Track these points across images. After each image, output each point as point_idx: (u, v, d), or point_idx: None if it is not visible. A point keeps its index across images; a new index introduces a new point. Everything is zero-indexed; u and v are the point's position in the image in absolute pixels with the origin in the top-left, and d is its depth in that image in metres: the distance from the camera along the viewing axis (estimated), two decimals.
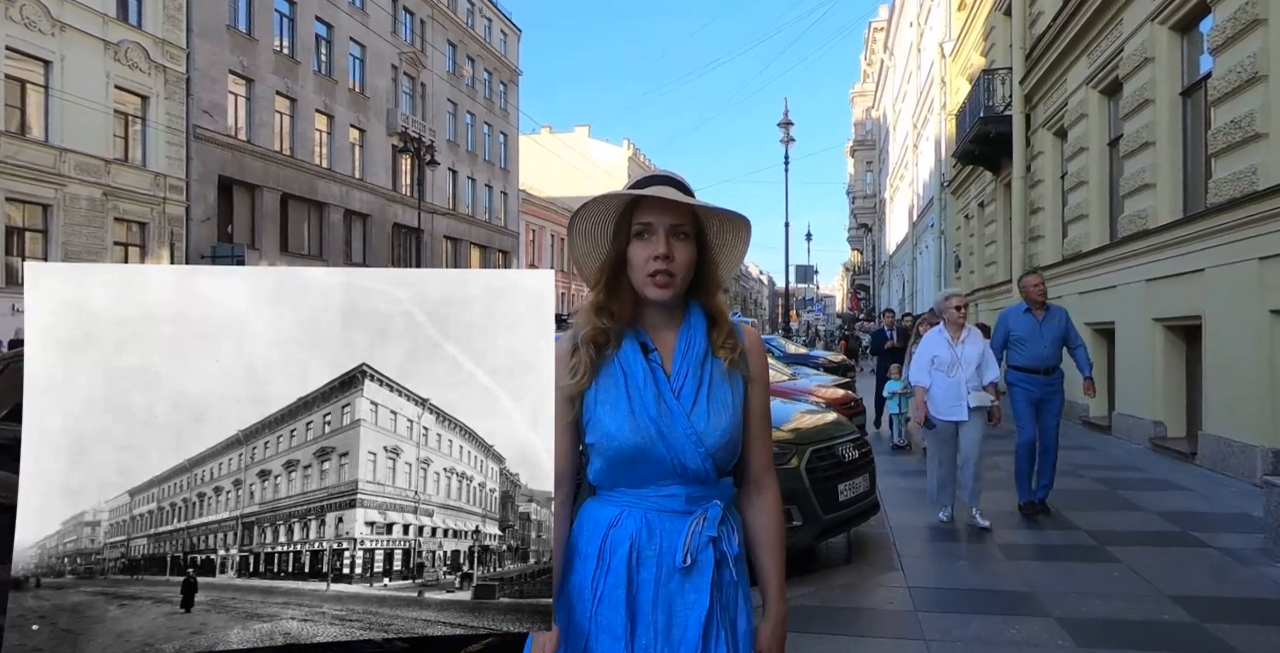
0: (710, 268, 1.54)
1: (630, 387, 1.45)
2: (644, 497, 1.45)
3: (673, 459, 1.42)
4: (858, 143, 65.05)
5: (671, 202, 1.44)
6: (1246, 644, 3.56)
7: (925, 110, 30.66)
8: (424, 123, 35.28)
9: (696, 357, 1.48)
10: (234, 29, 25.50)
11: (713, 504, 1.45)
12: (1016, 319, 6.32)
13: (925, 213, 32.16)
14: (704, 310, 1.53)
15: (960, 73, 22.80)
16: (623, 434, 1.42)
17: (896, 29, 42.60)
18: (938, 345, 5.81)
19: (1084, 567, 4.74)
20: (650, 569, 1.42)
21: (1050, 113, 13.65)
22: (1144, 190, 9.48)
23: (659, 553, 1.42)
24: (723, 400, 1.47)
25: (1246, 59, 7.02)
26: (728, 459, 1.48)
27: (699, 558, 1.42)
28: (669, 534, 1.43)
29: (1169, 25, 8.95)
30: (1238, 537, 5.21)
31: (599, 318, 1.48)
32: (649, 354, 1.48)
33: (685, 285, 1.48)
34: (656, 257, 1.43)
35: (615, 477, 1.47)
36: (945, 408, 5.73)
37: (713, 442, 1.43)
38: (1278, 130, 6.71)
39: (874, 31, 58.67)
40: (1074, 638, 3.68)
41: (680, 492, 1.44)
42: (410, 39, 35.62)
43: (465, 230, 39.62)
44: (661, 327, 1.52)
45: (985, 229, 19.62)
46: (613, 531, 1.45)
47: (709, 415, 1.45)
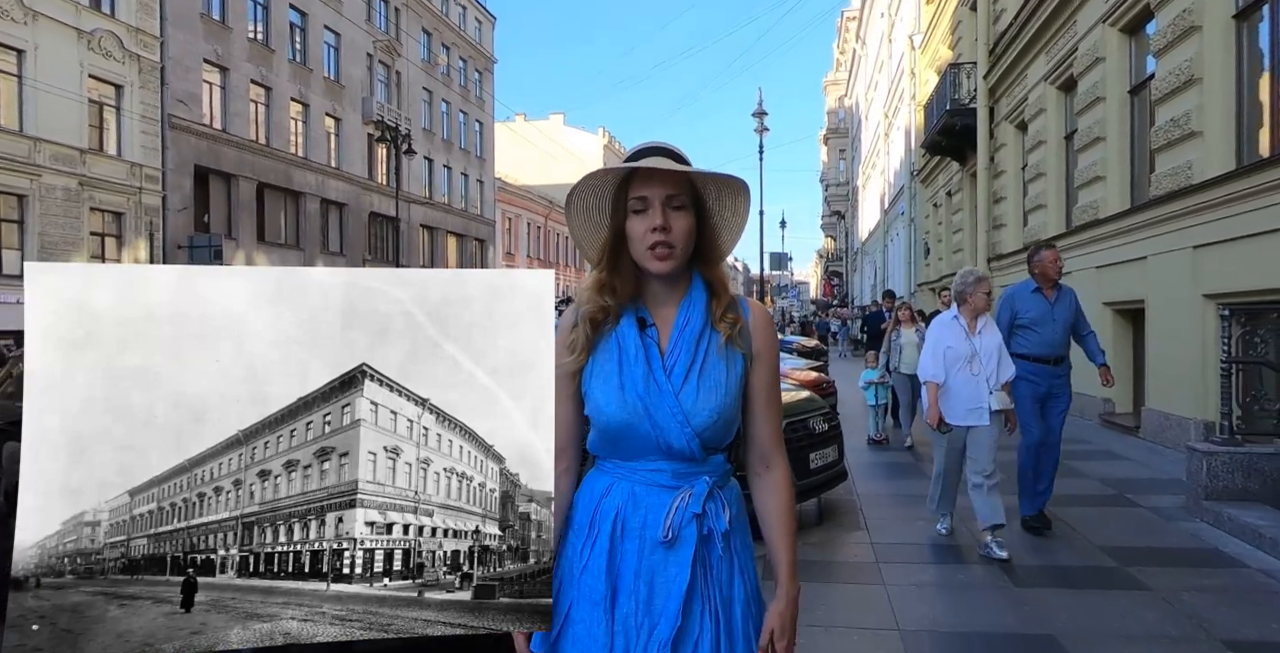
0: (711, 237, 1.52)
1: (623, 362, 1.45)
2: (634, 470, 1.46)
3: (658, 437, 1.42)
4: (831, 131, 65.65)
5: (665, 172, 1.42)
6: (1156, 582, 4.12)
7: (896, 100, 31.25)
8: (399, 111, 35.31)
9: (693, 332, 1.47)
10: (208, 17, 25.43)
11: (699, 480, 1.44)
12: (1025, 300, 5.32)
13: (896, 201, 32.82)
14: (705, 282, 1.51)
15: (929, 65, 23.38)
16: (611, 409, 1.43)
17: (869, 19, 43.12)
18: (951, 335, 4.81)
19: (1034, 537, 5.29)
20: (634, 541, 1.42)
21: (1012, 107, 14.24)
22: (1096, 182, 10.07)
23: (643, 525, 1.42)
24: (715, 379, 1.45)
25: (1184, 63, 7.58)
26: (718, 438, 1.46)
27: (681, 533, 1.41)
28: (654, 508, 1.43)
29: (1118, 27, 9.51)
30: (1166, 498, 5.79)
31: (601, 296, 1.48)
32: (646, 329, 1.47)
33: (686, 256, 1.46)
34: (653, 229, 1.42)
35: (607, 449, 1.49)
36: (962, 410, 4.76)
37: (700, 421, 1.42)
38: (1211, 129, 7.28)
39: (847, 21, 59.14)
40: (1013, 580, 4.22)
41: (667, 467, 1.44)
42: (385, 27, 35.57)
43: (441, 219, 39.75)
44: (663, 300, 1.51)
45: (953, 217, 20.26)
46: (603, 501, 1.46)
47: (698, 394, 1.43)
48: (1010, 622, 3.69)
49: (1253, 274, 6.53)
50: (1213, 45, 7.29)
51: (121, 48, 22.86)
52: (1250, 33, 7.12)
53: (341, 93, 32.09)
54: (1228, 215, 6.88)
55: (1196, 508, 5.32)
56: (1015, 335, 5.30)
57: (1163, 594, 3.94)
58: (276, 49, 28.36)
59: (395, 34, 36.02)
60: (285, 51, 28.89)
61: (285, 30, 28.94)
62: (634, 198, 1.44)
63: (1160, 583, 4.11)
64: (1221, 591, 3.97)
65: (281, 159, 28.21)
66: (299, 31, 29.91)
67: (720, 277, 1.52)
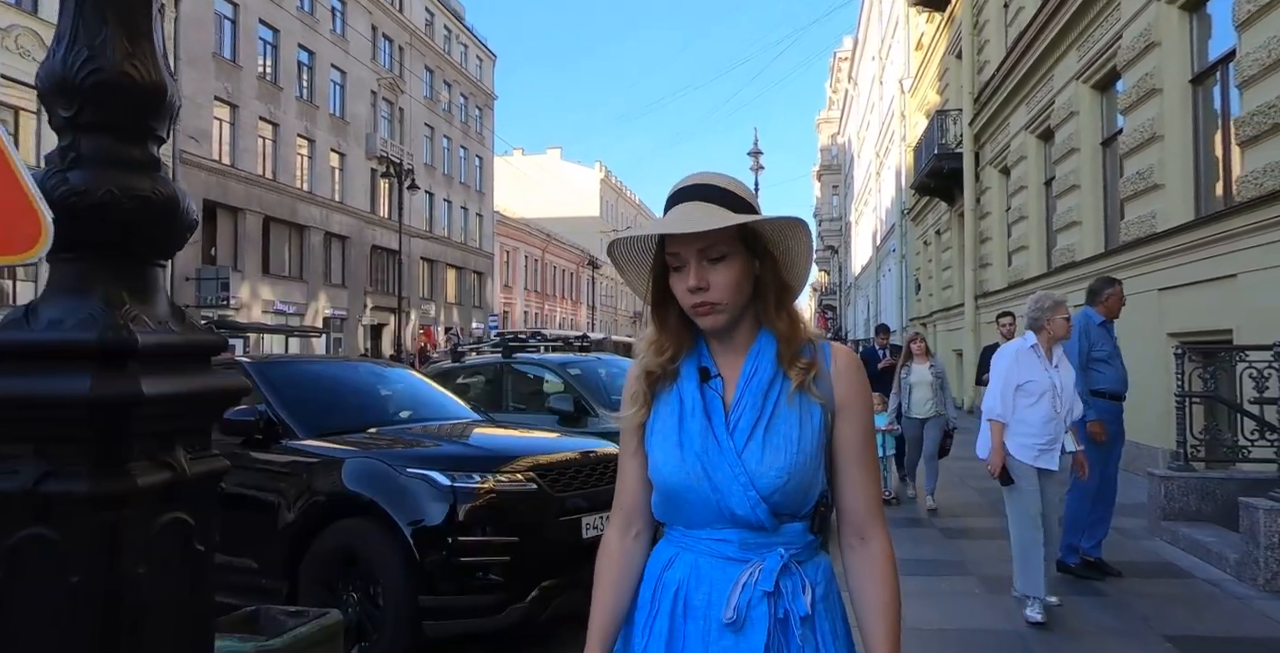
0: (773, 279, 1.33)
1: (683, 417, 1.30)
2: (698, 539, 1.29)
3: (719, 502, 1.25)
4: (824, 167, 66.94)
5: (691, 235, 1.25)
6: (1112, 589, 4.67)
7: (887, 140, 32.21)
8: (402, 147, 36.17)
9: (761, 383, 1.29)
10: (219, 56, 26.25)
11: (773, 553, 1.25)
12: (1099, 334, 5.08)
13: (888, 238, 33.64)
14: (772, 328, 1.32)
15: (918, 108, 24.29)
16: (668, 469, 1.28)
17: (860, 60, 44.40)
18: (1029, 367, 4.28)
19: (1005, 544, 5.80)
20: (697, 622, 1.25)
21: (996, 153, 15.00)
22: (1072, 227, 10.74)
23: (707, 605, 1.25)
24: (785, 435, 1.26)
25: (1147, 121, 8.28)
26: (790, 504, 1.26)
27: (750, 615, 1.22)
28: (718, 584, 1.25)
29: (1090, 84, 10.25)
30: (1130, 520, 6.30)
31: (651, 352, 1.36)
32: (709, 380, 1.31)
33: (738, 306, 1.30)
34: (691, 289, 1.27)
35: (670, 515, 1.33)
36: (1035, 448, 4.22)
37: (766, 484, 1.24)
38: (1172, 182, 7.95)
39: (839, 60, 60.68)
40: (987, 589, 4.73)
41: (734, 537, 1.26)
42: (389, 65, 36.58)
43: (441, 252, 40.41)
44: (730, 349, 1.34)
45: (942, 255, 20.97)
46: (665, 573, 1.31)
47: (764, 452, 1.25)
48: (983, 621, 4.21)
49: (1209, 316, 7.14)
50: (1172, 106, 7.98)
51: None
52: (1205, 96, 7.83)
53: (346, 129, 32.94)
54: (1187, 262, 7.50)
55: (1156, 528, 5.85)
56: (1091, 371, 4.99)
57: (1116, 599, 4.47)
58: (284, 87, 29.21)
59: (399, 72, 37.03)
60: (293, 89, 29.75)
61: (293, 68, 29.83)
62: (669, 253, 1.29)
63: (1115, 590, 4.63)
64: (1168, 597, 4.49)
65: (287, 193, 28.91)
66: (306, 70, 30.81)
67: (786, 322, 1.32)
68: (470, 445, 4.17)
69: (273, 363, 5.06)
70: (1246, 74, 6.48)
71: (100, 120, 1.63)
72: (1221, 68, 7.44)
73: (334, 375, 5.03)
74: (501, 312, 47.32)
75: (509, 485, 3.54)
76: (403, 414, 4.82)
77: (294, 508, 3.67)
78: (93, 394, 1.50)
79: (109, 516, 1.54)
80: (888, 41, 31.79)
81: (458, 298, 42.51)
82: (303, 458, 3.84)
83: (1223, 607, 4.37)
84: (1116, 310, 5.24)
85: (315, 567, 3.55)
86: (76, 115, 1.60)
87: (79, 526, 1.52)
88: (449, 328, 39.55)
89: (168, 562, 1.65)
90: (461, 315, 42.25)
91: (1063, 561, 4.91)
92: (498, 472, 3.60)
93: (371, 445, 3.92)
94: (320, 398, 4.44)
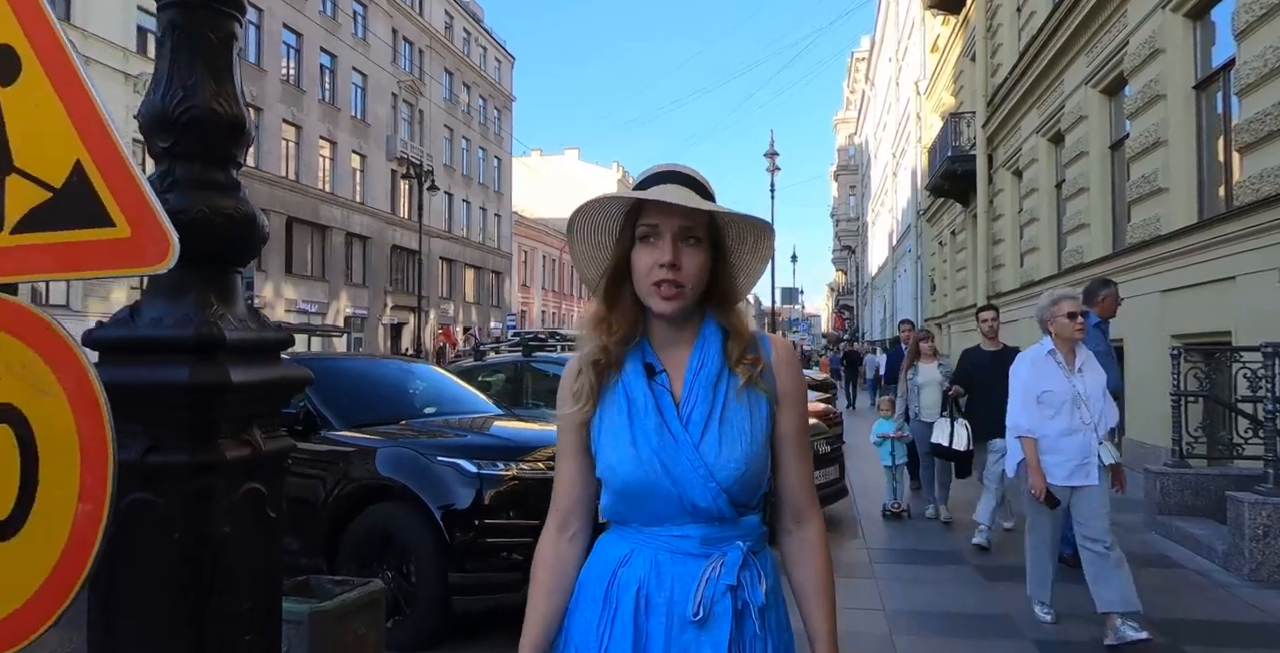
0: (727, 277, 1.36)
1: (633, 414, 1.30)
2: (656, 535, 1.29)
3: (681, 496, 1.26)
4: (841, 167, 66.95)
5: (689, 208, 1.26)
6: None
7: (903, 142, 32.31)
8: (422, 149, 36.64)
9: (709, 376, 1.31)
10: (243, 60, 26.65)
11: (733, 547, 1.27)
12: (1094, 335, 4.89)
13: (904, 238, 33.73)
14: (719, 324, 1.35)
15: (934, 110, 24.41)
16: (624, 467, 1.28)
17: (877, 61, 44.45)
18: (1048, 374, 3.93)
19: (1007, 536, 6.03)
20: (660, 618, 1.25)
21: (1008, 155, 15.15)
22: (1081, 229, 10.90)
23: (669, 601, 1.25)
24: (738, 426, 1.29)
25: (1152, 126, 8.45)
26: (747, 494, 1.29)
27: (714, 609, 1.24)
28: (681, 579, 1.26)
29: (1099, 89, 10.42)
30: (1129, 514, 6.49)
31: (598, 333, 1.34)
32: (655, 376, 1.32)
33: (695, 298, 1.31)
34: (662, 264, 1.26)
35: (624, 513, 1.32)
36: (1067, 468, 3.86)
37: (726, 475, 1.26)
38: (1176, 187, 8.12)
39: (856, 61, 60.73)
40: (985, 577, 4.97)
41: (695, 532, 1.27)
42: (409, 68, 37.06)
43: (460, 252, 40.87)
44: (672, 343, 1.35)
45: (956, 256, 21.10)
46: (621, 570, 1.30)
47: (721, 444, 1.27)
48: (974, 605, 4.45)
49: (1209, 317, 7.32)
50: (1176, 112, 8.16)
51: None
52: (1209, 102, 8.00)
53: (367, 131, 33.43)
54: (1189, 264, 7.68)
55: (1152, 521, 6.05)
56: None
57: None
58: (307, 90, 29.72)
59: (419, 74, 37.50)
60: (315, 92, 30.25)
61: (316, 72, 30.34)
62: (644, 225, 1.29)
63: None
64: (1157, 585, 4.69)
65: (310, 195, 29.41)
66: (328, 73, 31.32)
67: (738, 320, 1.36)
68: (494, 436, 4.46)
69: (310, 359, 5.39)
70: (1245, 82, 6.67)
71: (192, 150, 1.92)
72: (1224, 75, 7.62)
73: (367, 371, 5.36)
74: (519, 311, 47.76)
75: (530, 473, 3.83)
76: (428, 409, 5.13)
77: (332, 493, 3.98)
78: (190, 381, 1.80)
79: (202, 482, 1.83)
80: (904, 44, 31.90)
81: (476, 298, 42.96)
82: (340, 447, 4.15)
83: (1208, 594, 4.59)
84: (1112, 311, 5.38)
85: (352, 546, 3.85)
86: (173, 146, 1.90)
87: (178, 490, 1.80)
88: (467, 327, 40.01)
89: (246, 525, 1.94)
90: (479, 315, 42.70)
91: (1061, 552, 5.06)
92: (520, 460, 3.88)
93: (403, 436, 4.23)
94: (355, 392, 4.75)
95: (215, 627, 1.87)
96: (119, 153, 1.45)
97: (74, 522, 1.39)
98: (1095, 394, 3.91)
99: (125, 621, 1.79)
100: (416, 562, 3.66)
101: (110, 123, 1.47)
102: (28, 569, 1.41)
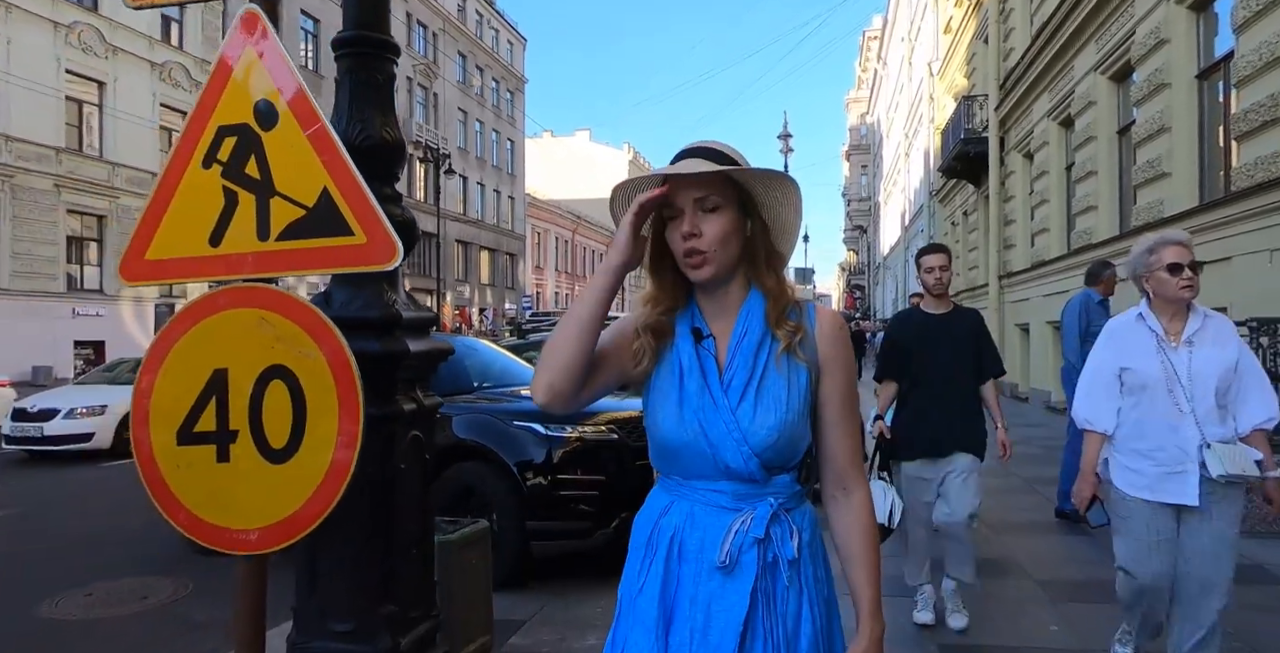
0: (764, 238, 1.41)
1: (682, 377, 1.37)
2: (694, 489, 1.37)
3: (715, 456, 1.34)
4: (853, 147, 66.80)
5: (693, 174, 1.32)
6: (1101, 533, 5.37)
7: (915, 122, 32.49)
8: (436, 131, 37.05)
9: (752, 343, 1.37)
10: None
11: (763, 503, 1.34)
12: (1097, 312, 5.45)
13: (916, 218, 34.00)
14: (761, 287, 1.40)
15: (947, 91, 24.64)
16: (667, 425, 1.36)
17: (889, 41, 44.42)
18: (1134, 347, 2.86)
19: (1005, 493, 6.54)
20: (690, 564, 1.34)
21: (1020, 138, 15.51)
22: (1089, 211, 11.32)
23: (700, 549, 1.34)
24: (775, 395, 1.35)
25: (1157, 113, 8.85)
26: (780, 458, 1.36)
27: (741, 559, 1.31)
28: (712, 530, 1.34)
29: (1108, 76, 10.78)
30: None
31: (648, 307, 1.43)
32: (702, 341, 1.39)
33: (728, 260, 1.37)
34: (684, 235, 1.34)
35: (665, 465, 1.42)
36: (1152, 475, 2.75)
37: (758, 440, 1.32)
38: (1179, 171, 8.54)
39: (868, 40, 60.43)
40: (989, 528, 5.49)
41: (728, 488, 1.35)
42: (424, 51, 37.38)
43: (475, 234, 41.38)
44: (719, 310, 1.42)
45: (969, 236, 21.46)
46: (662, 519, 1.40)
47: (756, 411, 1.33)
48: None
49: (1208, 296, 7.72)
50: (1179, 100, 8.55)
51: (189, 77, 24.64)
52: (1210, 91, 8.39)
53: None
54: None
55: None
56: (1087, 345, 4.65)
57: (1098, 539, 5.20)
58: (325, 75, 30.12)
59: (433, 57, 37.81)
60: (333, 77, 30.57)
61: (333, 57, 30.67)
62: (667, 205, 1.37)
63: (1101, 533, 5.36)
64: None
65: None
66: None
67: (774, 282, 1.41)
68: None
69: None
70: (1243, 73, 7.07)
71: (368, 170, 2.44)
72: (1225, 65, 8.00)
73: None
74: (534, 292, 48.31)
75: (593, 435, 4.37)
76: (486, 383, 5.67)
77: None
78: (380, 350, 2.33)
79: (386, 429, 2.37)
80: (917, 23, 31.98)
81: (491, 279, 43.53)
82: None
83: None
84: (1113, 290, 5.78)
85: (439, 499, 4.40)
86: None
87: (370, 435, 2.34)
88: (483, 309, 40.61)
89: (413, 464, 2.48)
90: (495, 296, 43.27)
91: (1060, 508, 5.59)
92: (581, 423, 4.42)
93: (480, 402, 4.78)
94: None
95: (397, 540, 2.41)
96: (356, 180, 1.96)
97: (333, 455, 1.91)
98: (1208, 375, 2.70)
99: (332, 533, 2.33)
100: (498, 511, 4.20)
101: (347, 158, 1.98)
102: (297, 487, 1.94)
